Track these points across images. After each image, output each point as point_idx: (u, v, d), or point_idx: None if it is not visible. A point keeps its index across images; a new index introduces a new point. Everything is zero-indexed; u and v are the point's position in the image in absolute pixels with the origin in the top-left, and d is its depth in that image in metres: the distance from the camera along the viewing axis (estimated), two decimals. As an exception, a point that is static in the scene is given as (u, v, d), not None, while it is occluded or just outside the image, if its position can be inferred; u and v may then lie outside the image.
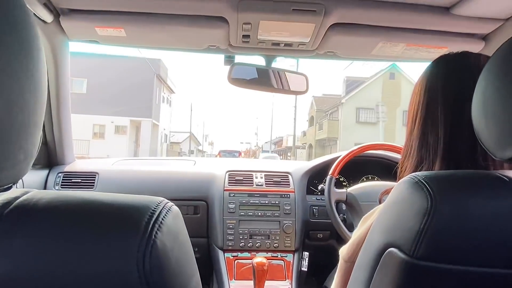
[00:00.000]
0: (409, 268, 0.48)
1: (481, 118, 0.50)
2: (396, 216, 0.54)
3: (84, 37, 1.26)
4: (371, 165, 1.71)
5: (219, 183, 1.61)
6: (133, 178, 1.62)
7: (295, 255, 1.55)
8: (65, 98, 1.44)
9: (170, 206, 0.40)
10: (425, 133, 0.67)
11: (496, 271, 0.48)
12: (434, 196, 0.47)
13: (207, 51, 1.32)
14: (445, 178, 0.52)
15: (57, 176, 1.56)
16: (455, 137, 0.63)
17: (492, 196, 0.48)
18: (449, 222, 0.47)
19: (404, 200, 0.53)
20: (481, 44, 1.17)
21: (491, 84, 0.48)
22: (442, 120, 0.65)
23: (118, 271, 0.33)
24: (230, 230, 1.53)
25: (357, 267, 0.63)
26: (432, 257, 0.47)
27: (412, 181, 0.52)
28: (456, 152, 0.63)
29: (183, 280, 0.38)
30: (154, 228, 0.35)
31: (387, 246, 0.52)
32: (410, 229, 0.48)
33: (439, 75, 0.68)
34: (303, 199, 1.63)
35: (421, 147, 0.67)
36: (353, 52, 1.29)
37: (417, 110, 0.69)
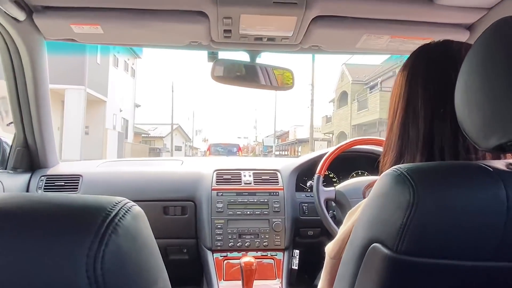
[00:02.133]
0: (393, 264, 0.47)
1: (464, 107, 0.49)
2: (378, 210, 0.52)
3: (60, 35, 1.22)
4: (360, 161, 1.70)
5: (207, 183, 1.58)
6: (118, 179, 1.59)
7: (285, 253, 1.53)
8: (44, 99, 1.40)
9: (130, 206, 0.37)
10: (405, 126, 0.65)
11: (481, 264, 0.46)
12: (417, 189, 0.46)
13: (189, 47, 1.29)
14: (428, 170, 0.51)
15: (40, 180, 1.52)
16: (436, 129, 0.62)
17: (476, 187, 0.47)
18: (432, 215, 0.45)
19: (386, 193, 0.51)
20: (466, 34, 1.16)
21: (474, 72, 0.47)
22: (422, 112, 0.63)
23: (67, 278, 0.30)
24: (218, 230, 1.50)
25: (342, 264, 0.62)
26: (416, 251, 0.46)
27: (394, 174, 0.50)
28: (437, 145, 0.61)
29: (143, 285, 0.35)
30: (108, 230, 0.32)
31: (371, 242, 0.51)
32: (393, 223, 0.47)
33: (420, 66, 0.66)
34: (293, 197, 1.61)
35: (402, 140, 0.66)
36: (337, 45, 1.27)
37: (397, 102, 0.68)
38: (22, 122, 1.43)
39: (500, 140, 0.44)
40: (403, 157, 0.65)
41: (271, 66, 1.40)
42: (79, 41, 1.23)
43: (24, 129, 1.45)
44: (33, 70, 1.30)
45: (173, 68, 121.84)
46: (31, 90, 1.34)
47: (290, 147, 32.21)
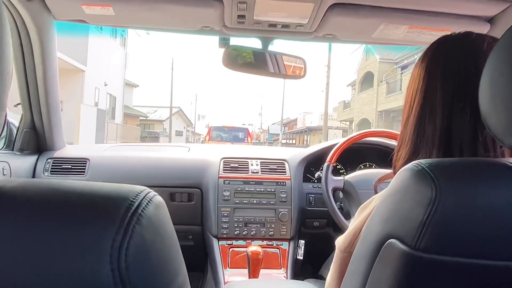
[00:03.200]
0: (410, 261, 0.45)
1: (489, 103, 0.47)
2: (397, 205, 0.51)
3: (71, 16, 1.19)
4: (368, 153, 1.68)
5: (214, 170, 1.57)
6: (125, 164, 1.58)
7: (291, 243, 1.53)
8: (52, 81, 1.38)
9: (152, 196, 0.35)
10: (422, 120, 0.63)
11: (503, 264, 0.45)
12: (439, 185, 0.44)
13: (201, 32, 1.26)
14: (451, 166, 0.49)
15: (47, 162, 1.52)
16: (455, 125, 0.60)
17: (500, 185, 0.45)
18: (454, 212, 0.44)
19: (406, 189, 0.49)
20: (486, 26, 1.12)
21: (501, 66, 0.45)
22: (440, 106, 0.61)
23: (90, 269, 0.29)
24: (224, 218, 1.50)
25: (355, 258, 0.61)
26: (436, 249, 0.44)
27: (415, 169, 0.48)
28: (455, 141, 0.60)
29: (166, 278, 0.34)
30: (132, 221, 0.31)
31: (388, 237, 0.49)
32: (413, 219, 0.45)
33: (438, 58, 0.64)
34: (300, 187, 1.60)
35: (417, 136, 0.64)
36: (353, 34, 1.24)
37: (414, 95, 0.65)
38: (30, 103, 1.42)
39: None
40: (419, 153, 0.63)
41: (283, 54, 1.37)
42: (89, 23, 1.21)
43: (32, 111, 1.44)
44: (42, 51, 1.28)
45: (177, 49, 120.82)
46: (39, 71, 1.32)
47: (298, 136, 30.13)
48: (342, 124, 24.19)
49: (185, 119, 33.13)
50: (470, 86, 0.56)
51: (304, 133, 28.30)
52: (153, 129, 26.17)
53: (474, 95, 0.54)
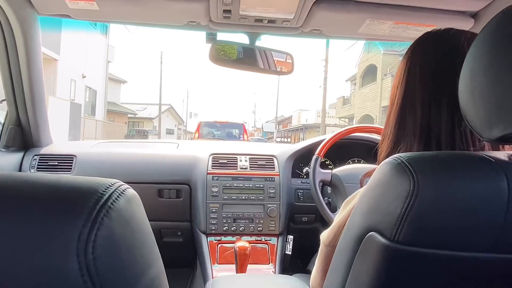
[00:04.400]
0: (389, 253, 0.46)
1: (468, 96, 0.47)
2: (377, 199, 0.51)
3: (54, 11, 1.17)
4: (357, 148, 1.69)
5: (203, 166, 1.57)
6: (112, 160, 1.57)
7: (279, 238, 1.54)
8: (37, 77, 1.36)
9: (124, 189, 0.35)
10: (403, 113, 0.65)
11: (480, 256, 0.46)
12: (417, 178, 0.45)
13: (187, 27, 1.25)
14: (429, 159, 0.49)
15: (33, 159, 1.50)
16: (433, 118, 0.61)
17: (477, 178, 0.46)
18: (432, 205, 0.44)
19: (386, 182, 0.50)
20: (470, 22, 1.13)
21: (479, 60, 0.45)
22: (420, 100, 0.62)
23: (57, 262, 0.29)
24: (213, 214, 1.50)
25: (337, 252, 0.61)
26: (414, 241, 0.45)
27: (395, 163, 0.49)
28: (434, 134, 0.61)
29: (137, 270, 0.34)
30: (100, 213, 0.31)
31: (368, 230, 0.50)
32: (392, 212, 0.46)
33: (417, 55, 0.65)
34: (288, 182, 1.61)
35: (399, 129, 0.66)
36: (339, 30, 1.24)
37: (396, 90, 0.67)
38: (15, 99, 1.40)
39: (504, 131, 0.43)
40: (400, 145, 0.65)
41: (270, 49, 1.37)
42: (73, 17, 1.19)
43: (17, 107, 1.42)
44: (26, 46, 1.26)
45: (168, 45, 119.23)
46: (24, 67, 1.30)
47: (294, 134, 29.68)
48: (341, 121, 23.31)
49: (176, 116, 32.36)
50: (447, 81, 0.57)
51: (300, 131, 27.83)
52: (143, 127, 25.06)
53: (451, 90, 0.55)
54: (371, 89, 18.59)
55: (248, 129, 14.56)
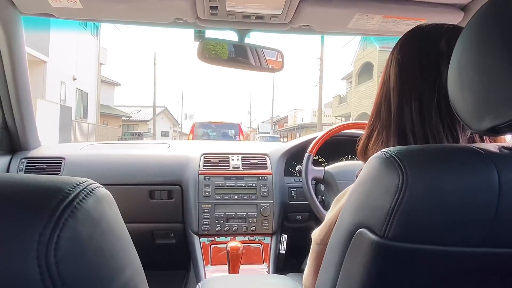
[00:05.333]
0: (380, 250, 0.45)
1: (457, 88, 0.47)
2: (366, 194, 0.50)
3: (37, 10, 1.15)
4: (349, 145, 1.67)
5: (194, 167, 1.55)
6: (102, 162, 1.55)
7: (273, 238, 1.52)
8: (22, 78, 1.33)
9: (93, 188, 0.33)
10: (379, 108, 0.67)
11: (471, 250, 0.45)
12: (406, 173, 0.44)
13: (174, 25, 1.23)
14: (418, 153, 0.48)
15: (20, 162, 1.47)
16: (405, 112, 0.62)
17: (467, 171, 0.45)
18: (422, 199, 0.43)
19: (374, 177, 0.49)
20: (459, 15, 1.12)
21: (467, 51, 0.45)
22: (394, 94, 0.64)
23: (15, 266, 0.27)
24: (205, 214, 1.48)
25: (328, 249, 0.60)
26: (404, 237, 0.44)
27: (383, 157, 0.48)
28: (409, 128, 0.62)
29: (107, 274, 0.32)
30: (64, 213, 0.29)
31: (358, 227, 0.49)
32: (381, 208, 0.45)
33: (396, 49, 0.67)
34: (281, 181, 1.59)
35: (375, 121, 0.68)
36: (328, 25, 1.23)
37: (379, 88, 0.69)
38: (0, 102, 1.37)
39: (494, 122, 0.42)
40: (375, 138, 0.66)
41: (260, 46, 1.35)
42: (57, 16, 1.16)
43: (3, 110, 1.39)
44: (9, 47, 1.23)
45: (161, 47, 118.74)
46: (8, 68, 1.27)
47: (290, 134, 29.31)
48: (338, 120, 23.11)
49: (171, 118, 32.22)
50: (414, 76, 0.60)
51: (296, 131, 27.64)
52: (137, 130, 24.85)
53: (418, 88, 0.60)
54: (368, 87, 18.66)
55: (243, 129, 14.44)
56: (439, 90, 0.58)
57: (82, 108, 15.81)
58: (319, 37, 18.54)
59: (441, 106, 0.59)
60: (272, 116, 29.79)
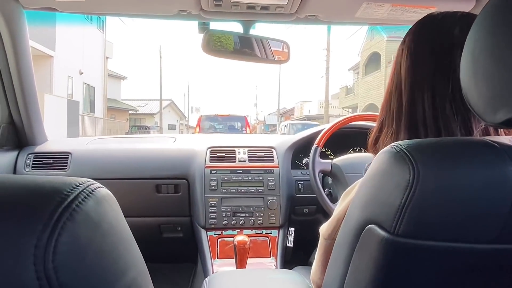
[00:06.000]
0: (390, 247, 0.44)
1: (471, 79, 0.45)
2: (375, 190, 0.49)
3: (40, 4, 1.14)
4: (357, 137, 1.65)
5: (200, 160, 1.54)
6: (108, 157, 1.54)
7: (280, 231, 1.51)
8: (27, 73, 1.33)
9: (94, 189, 0.32)
10: (389, 101, 0.65)
11: (484, 247, 0.43)
12: (417, 167, 0.42)
13: (178, 17, 1.21)
14: (429, 146, 0.47)
15: (27, 158, 1.48)
16: (417, 103, 0.60)
17: (481, 165, 0.43)
18: (433, 195, 0.42)
19: (384, 172, 0.48)
20: (471, 3, 1.09)
21: (481, 40, 0.43)
22: (405, 85, 0.62)
23: (12, 272, 0.26)
24: (212, 208, 1.48)
25: (336, 245, 0.59)
26: (415, 234, 0.43)
27: (393, 151, 0.46)
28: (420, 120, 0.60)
29: (108, 278, 0.31)
30: (62, 216, 0.28)
31: (367, 223, 0.48)
32: (391, 204, 0.44)
33: (408, 38, 0.64)
34: (288, 174, 1.58)
35: (386, 115, 0.65)
36: (335, 15, 1.20)
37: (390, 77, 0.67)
38: (6, 97, 1.37)
39: (509, 114, 0.40)
40: (386, 131, 0.64)
41: (266, 37, 1.33)
42: (60, 10, 1.15)
43: (9, 105, 1.40)
44: (13, 42, 1.23)
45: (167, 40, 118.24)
46: (12, 63, 1.27)
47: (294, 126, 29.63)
48: (345, 111, 22.99)
49: (177, 111, 32.23)
50: (426, 66, 0.58)
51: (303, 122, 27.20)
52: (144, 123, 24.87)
53: (432, 79, 0.57)
54: (375, 78, 18.35)
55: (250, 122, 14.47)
56: (454, 81, 0.56)
57: (89, 102, 15.89)
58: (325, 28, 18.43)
59: (455, 97, 0.56)
60: (278, 108, 29.50)
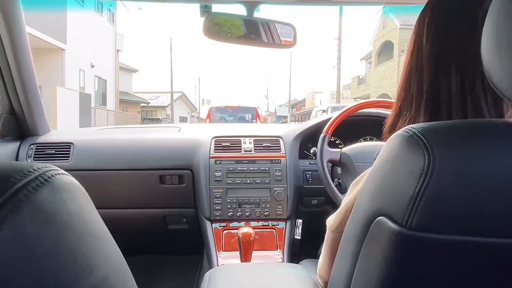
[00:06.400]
0: (401, 240, 0.40)
1: (493, 54, 0.40)
2: (386, 178, 0.45)
3: None
4: (368, 125, 1.58)
5: (204, 150, 1.49)
6: (111, 147, 1.51)
7: (288, 223, 1.46)
8: (25, 62, 1.30)
9: (51, 176, 0.27)
10: (408, 80, 0.59)
11: (507, 242, 0.38)
12: (433, 152, 0.38)
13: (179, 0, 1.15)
14: (447, 130, 0.42)
15: (29, 148, 1.46)
16: (442, 84, 0.54)
17: (505, 149, 0.38)
18: (451, 183, 0.38)
19: (396, 158, 0.43)
20: None
21: (505, 12, 0.38)
22: (427, 64, 0.55)
23: None
24: (217, 199, 1.43)
25: (344, 239, 0.56)
26: (430, 227, 0.39)
27: (406, 135, 0.42)
28: (443, 102, 0.54)
29: (63, 280, 0.26)
30: (3, 209, 0.23)
31: (376, 215, 0.44)
32: (403, 193, 0.40)
33: (426, 14, 0.58)
34: (295, 164, 1.52)
35: (404, 97, 0.59)
36: None
37: (407, 55, 0.60)
38: (5, 87, 1.34)
39: None
40: (404, 116, 0.59)
41: (271, 20, 1.26)
42: None
43: (9, 95, 1.37)
44: (9, 29, 1.19)
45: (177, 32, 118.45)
46: (9, 52, 1.24)
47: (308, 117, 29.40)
48: (357, 102, 22.81)
49: (188, 104, 32.43)
50: (455, 42, 0.53)
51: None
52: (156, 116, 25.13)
53: (460, 53, 0.52)
54: (388, 67, 17.97)
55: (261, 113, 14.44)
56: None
57: (101, 95, 15.92)
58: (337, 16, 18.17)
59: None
60: (289, 99, 29.20)
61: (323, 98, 27.72)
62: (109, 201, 1.48)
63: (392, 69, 17.30)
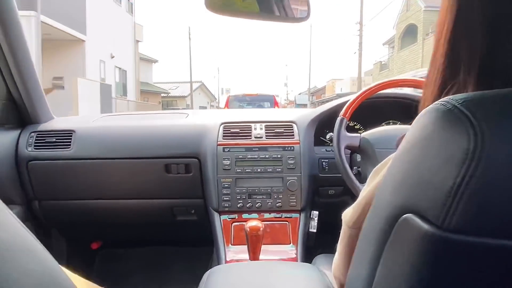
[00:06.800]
0: (435, 244, 0.32)
1: None
2: (414, 166, 0.35)
3: None
4: (392, 108, 1.44)
5: (212, 137, 1.40)
6: (114, 135, 1.44)
7: (302, 215, 1.36)
8: (20, 47, 1.23)
9: None
10: (454, 45, 0.44)
11: None
12: (481, 131, 0.30)
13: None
14: (498, 100, 0.33)
15: (30, 136, 1.41)
16: (500, 45, 0.41)
17: None
18: (504, 173, 0.29)
19: (428, 139, 0.34)
20: None
21: None
22: (479, 22, 0.42)
23: None
24: (225, 190, 1.34)
25: (363, 237, 0.46)
26: (474, 228, 0.30)
27: (441, 109, 0.33)
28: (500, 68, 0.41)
29: None
30: None
31: (403, 211, 0.35)
32: (439, 185, 0.31)
33: None
34: (310, 152, 1.40)
35: (448, 67, 0.45)
36: None
37: (445, 16, 0.46)
38: (1, 72, 1.28)
39: None
40: (448, 90, 0.45)
41: None
42: None
43: (6, 81, 1.31)
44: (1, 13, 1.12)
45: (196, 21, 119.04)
46: (1, 37, 1.17)
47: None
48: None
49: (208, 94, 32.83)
50: None
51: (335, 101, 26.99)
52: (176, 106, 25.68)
53: None
54: (411, 51, 17.31)
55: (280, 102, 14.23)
56: None
57: (122, 86, 16.07)
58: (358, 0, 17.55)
59: None
60: (309, 87, 28.88)
61: (344, 85, 27.35)
62: (113, 191, 1.42)
63: (416, 53, 16.74)
